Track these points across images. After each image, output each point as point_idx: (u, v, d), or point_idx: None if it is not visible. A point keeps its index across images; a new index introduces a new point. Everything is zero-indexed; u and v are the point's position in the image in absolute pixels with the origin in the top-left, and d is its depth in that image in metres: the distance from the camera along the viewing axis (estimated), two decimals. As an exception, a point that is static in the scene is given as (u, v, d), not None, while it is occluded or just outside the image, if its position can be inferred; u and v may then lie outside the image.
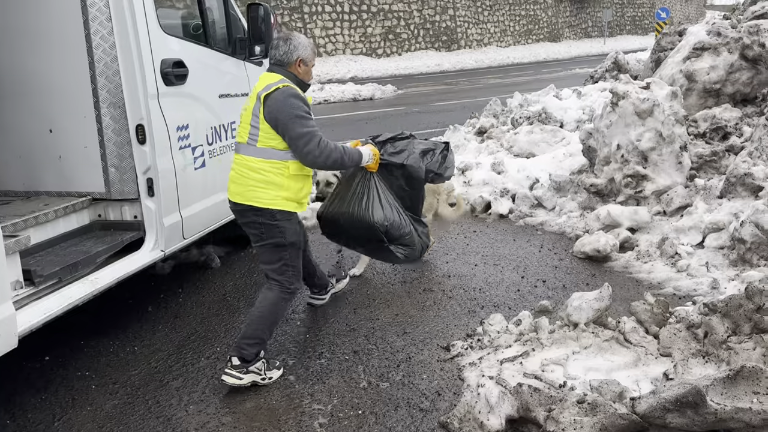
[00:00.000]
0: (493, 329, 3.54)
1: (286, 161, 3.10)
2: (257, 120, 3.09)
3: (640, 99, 5.08)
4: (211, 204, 4.29)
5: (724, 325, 3.16)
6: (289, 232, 3.15)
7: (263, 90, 3.07)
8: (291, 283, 3.22)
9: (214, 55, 4.39)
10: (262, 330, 3.16)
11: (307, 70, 3.26)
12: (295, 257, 3.23)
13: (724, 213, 4.65)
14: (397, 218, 3.66)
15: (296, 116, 3.02)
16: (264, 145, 3.09)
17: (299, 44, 3.18)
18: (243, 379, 3.08)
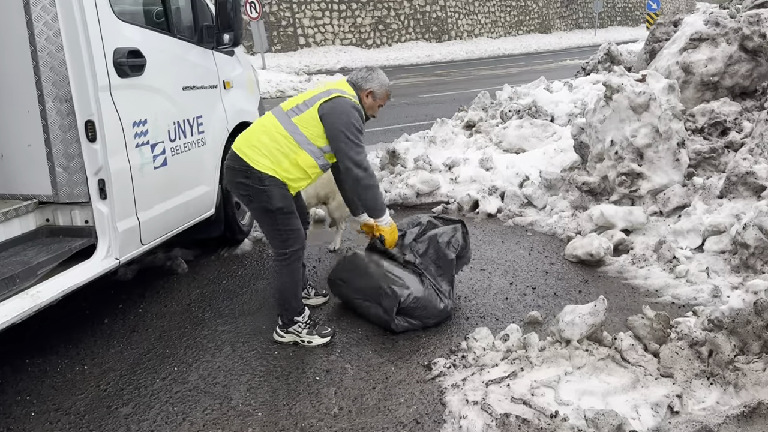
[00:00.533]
0: (479, 345, 3.24)
1: (301, 148, 3.15)
2: (312, 104, 3.17)
3: (636, 92, 4.78)
4: (175, 206, 3.96)
5: (730, 343, 2.89)
6: (276, 197, 3.14)
7: (338, 91, 3.20)
8: (287, 248, 3.23)
9: (177, 44, 4.04)
10: (283, 299, 3.32)
11: (373, 104, 3.37)
12: (287, 221, 3.21)
13: (725, 214, 4.37)
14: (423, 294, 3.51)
15: (355, 126, 3.16)
16: (298, 123, 3.16)
17: (376, 78, 3.35)
18: (284, 338, 3.40)
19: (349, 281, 3.67)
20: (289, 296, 3.33)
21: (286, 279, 3.30)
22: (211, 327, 3.65)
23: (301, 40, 30.00)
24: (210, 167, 4.37)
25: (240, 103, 4.87)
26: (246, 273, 4.47)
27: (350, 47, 30.96)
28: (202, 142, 4.26)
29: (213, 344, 3.45)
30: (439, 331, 3.55)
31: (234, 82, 4.76)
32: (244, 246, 4.92)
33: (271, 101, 16.04)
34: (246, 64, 5.15)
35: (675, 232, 4.44)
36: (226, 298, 4.04)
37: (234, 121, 4.71)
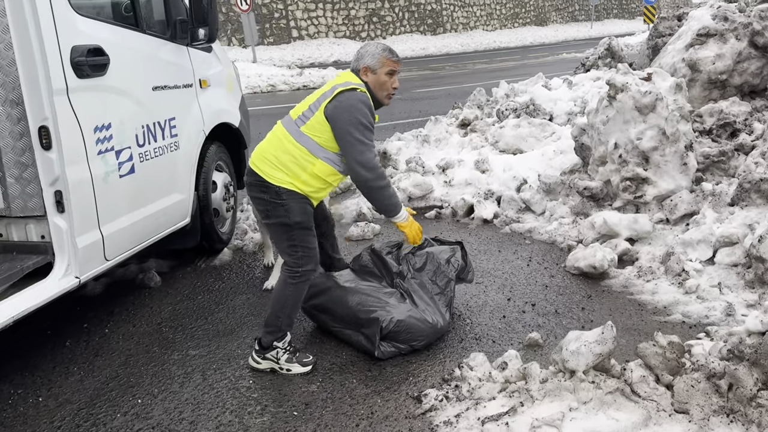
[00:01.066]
0: (474, 375, 2.94)
1: (316, 158, 2.97)
2: (317, 107, 2.98)
3: (642, 92, 4.47)
4: (144, 216, 3.65)
5: (753, 376, 2.60)
6: (295, 211, 2.98)
7: (341, 85, 2.99)
8: (299, 266, 3.02)
9: (146, 41, 3.72)
10: (277, 317, 3.06)
11: (376, 79, 3.07)
12: (303, 237, 3.02)
13: (737, 224, 4.08)
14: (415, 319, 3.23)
15: (361, 123, 2.93)
16: (307, 131, 2.98)
17: (366, 52, 3.09)
18: (261, 364, 3.11)
19: (325, 310, 3.37)
20: (283, 313, 3.06)
21: (290, 295, 3.06)
22: (181, 351, 3.34)
23: (294, 33, 29.61)
24: (184, 173, 4.05)
25: (219, 102, 4.55)
26: (223, 287, 4.16)
27: (344, 40, 30.58)
28: (176, 146, 3.94)
29: (182, 371, 3.14)
30: (431, 355, 3.26)
31: (211, 80, 4.44)
32: (224, 256, 4.60)
33: (262, 96, 15.71)
34: (226, 61, 4.82)
35: (684, 243, 4.15)
36: (200, 316, 3.74)
37: (212, 122, 4.39)
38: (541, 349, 3.30)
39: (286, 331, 3.11)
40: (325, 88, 3.08)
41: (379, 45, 3.13)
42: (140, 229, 3.63)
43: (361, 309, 3.19)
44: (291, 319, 3.13)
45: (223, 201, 4.65)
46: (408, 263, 3.42)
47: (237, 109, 4.91)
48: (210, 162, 4.43)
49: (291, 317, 3.12)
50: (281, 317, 3.06)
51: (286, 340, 3.13)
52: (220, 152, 4.68)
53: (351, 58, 3.14)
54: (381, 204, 3.15)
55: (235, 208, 4.99)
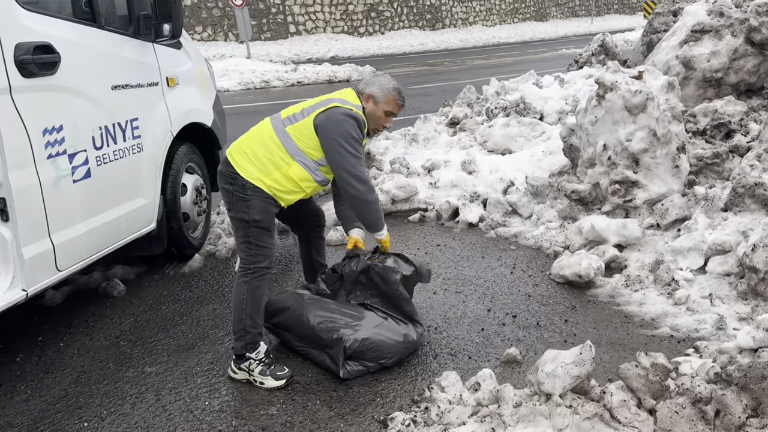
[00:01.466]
0: (444, 397, 2.75)
1: (293, 160, 2.92)
2: (308, 113, 2.94)
3: (631, 92, 4.26)
4: (103, 223, 3.45)
5: (741, 402, 2.40)
6: (255, 209, 2.90)
7: (338, 100, 2.96)
8: (251, 262, 2.96)
9: (105, 37, 3.51)
10: (239, 320, 2.95)
11: (375, 110, 3.05)
12: (259, 236, 2.94)
13: (731, 230, 3.87)
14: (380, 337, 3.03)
15: (351, 136, 2.89)
16: (292, 133, 2.93)
17: (377, 82, 3.07)
18: (237, 374, 3.02)
19: (287, 328, 3.18)
20: (244, 314, 2.95)
21: (245, 293, 2.96)
22: (137, 367, 3.15)
23: (292, 28, 29.37)
24: (148, 176, 3.85)
25: (189, 101, 4.34)
26: (190, 296, 3.96)
27: (342, 35, 30.33)
28: (138, 148, 3.74)
29: (135, 390, 2.95)
30: (402, 372, 3.06)
31: (180, 78, 4.23)
32: (194, 262, 4.40)
33: (255, 92, 15.48)
34: (197, 57, 4.62)
35: (674, 250, 3.95)
36: (161, 329, 3.54)
37: (180, 122, 4.19)
38: (519, 366, 3.11)
39: (254, 336, 2.98)
40: (322, 97, 3.06)
41: (392, 81, 3.10)
42: (98, 236, 3.43)
43: (323, 328, 2.99)
44: (255, 321, 2.98)
45: (194, 205, 4.45)
46: (360, 283, 3.21)
47: (210, 108, 4.70)
48: (179, 164, 4.23)
49: (254, 319, 2.98)
50: (243, 319, 2.95)
51: (260, 350, 2.99)
52: (191, 153, 4.48)
53: (349, 53, 2.97)
54: (368, 218, 3.11)
55: (209, 212, 4.78)
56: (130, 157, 3.66)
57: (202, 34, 26.87)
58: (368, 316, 3.07)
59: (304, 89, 15.78)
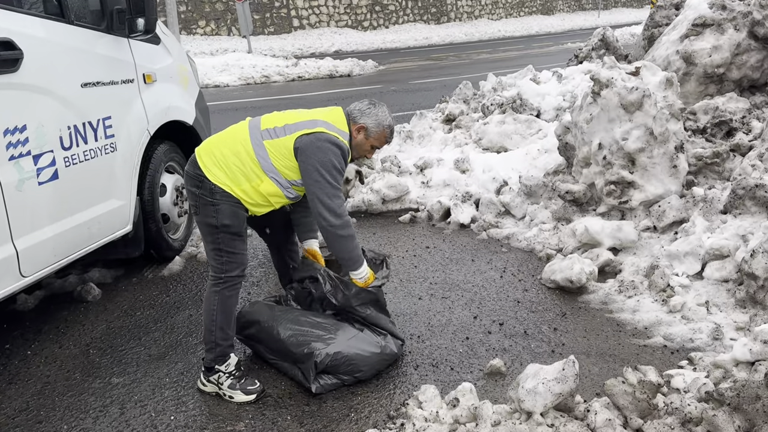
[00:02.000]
0: (420, 414, 2.60)
1: (266, 175, 2.76)
2: (290, 131, 2.77)
3: (627, 88, 4.09)
4: (73, 226, 3.31)
5: (734, 424, 2.25)
6: (224, 213, 2.73)
7: (324, 124, 2.79)
8: (222, 271, 2.80)
9: (74, 33, 3.37)
10: (209, 331, 2.82)
11: (364, 143, 2.92)
12: (230, 242, 2.78)
13: (729, 234, 3.71)
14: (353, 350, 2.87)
15: (334, 166, 2.74)
16: (270, 149, 2.76)
17: (374, 114, 2.90)
18: (206, 387, 2.88)
19: (259, 341, 3.04)
20: (214, 326, 2.81)
21: (215, 303, 2.82)
22: (104, 378, 3.02)
23: (295, 22, 29.20)
24: (123, 177, 3.72)
25: (168, 99, 4.20)
26: (167, 301, 3.83)
27: (346, 29, 30.14)
28: (112, 147, 3.61)
29: (100, 403, 2.82)
30: (380, 384, 2.92)
31: (158, 74, 4.09)
32: (174, 265, 4.27)
33: (255, 87, 15.34)
34: (179, 53, 4.47)
35: (670, 255, 3.78)
36: (133, 336, 3.41)
37: (158, 120, 4.05)
38: (503, 379, 2.96)
39: (225, 348, 2.85)
40: (308, 116, 2.85)
41: (389, 117, 2.96)
42: (67, 240, 3.29)
43: (293, 342, 2.85)
44: (226, 333, 2.84)
45: (174, 206, 4.32)
46: (334, 297, 3.02)
47: (192, 105, 4.55)
48: (157, 164, 4.09)
49: (225, 331, 2.84)
50: (213, 331, 2.82)
51: (230, 363, 2.86)
52: (172, 153, 4.34)
53: (353, 48, 2.81)
54: (342, 254, 2.92)
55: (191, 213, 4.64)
56: (102, 157, 3.52)
57: (205, 28, 26.74)
58: (342, 327, 2.93)
59: (305, 84, 15.63)
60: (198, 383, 2.91)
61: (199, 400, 2.82)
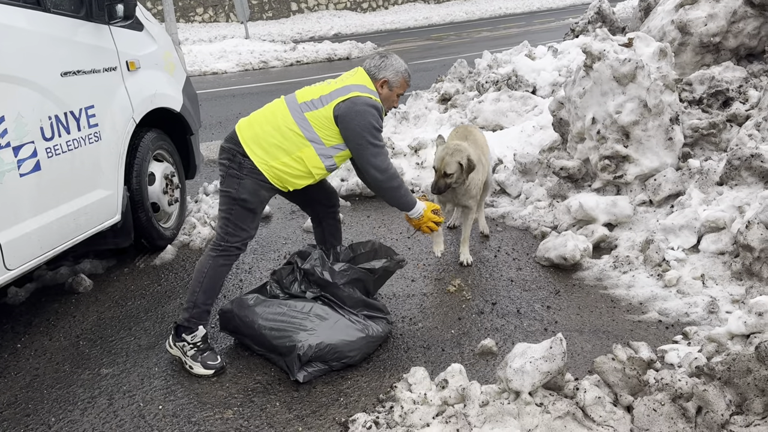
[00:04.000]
0: (408, 397, 2.57)
1: (309, 143, 2.89)
2: (327, 101, 2.90)
3: (620, 60, 4.01)
4: (58, 217, 3.28)
5: (725, 398, 2.21)
6: (245, 188, 2.86)
7: (356, 88, 2.92)
8: (223, 239, 2.91)
9: (51, 21, 3.31)
10: (194, 291, 2.91)
11: (390, 94, 3.10)
12: (241, 215, 2.90)
13: (726, 206, 3.64)
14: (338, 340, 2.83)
15: (374, 126, 2.90)
16: (311, 119, 2.89)
17: (390, 65, 3.07)
18: (172, 350, 2.97)
19: (244, 335, 3.01)
20: (199, 287, 2.91)
21: (207, 267, 2.92)
22: (93, 369, 3.00)
23: (293, 6, 28.97)
24: (109, 166, 3.68)
25: (153, 86, 4.14)
26: (158, 291, 3.81)
27: (344, 11, 29.87)
28: (96, 137, 3.56)
29: (88, 394, 2.80)
30: (370, 368, 2.90)
31: (142, 61, 4.03)
32: (166, 254, 4.24)
33: (253, 73, 15.23)
34: (163, 40, 4.41)
35: (665, 229, 3.72)
36: (124, 326, 3.39)
37: (144, 108, 4.00)
38: (495, 359, 2.93)
39: (201, 312, 2.92)
40: (339, 84, 2.98)
41: (402, 63, 3.12)
42: (53, 232, 3.26)
43: (275, 335, 2.82)
44: (207, 297, 2.92)
45: (164, 194, 4.28)
46: (329, 271, 3.00)
47: (179, 92, 4.50)
48: (145, 152, 4.05)
49: (208, 295, 2.92)
50: (197, 292, 2.91)
51: (197, 334, 2.92)
52: (160, 140, 4.29)
53: (352, 30, 2.81)
54: (395, 202, 3.13)
55: (183, 200, 4.61)
56: (86, 146, 3.48)
57: (203, 15, 26.58)
58: (324, 314, 2.88)
59: (304, 68, 15.50)
60: (166, 345, 3.00)
61: (189, 389, 2.80)
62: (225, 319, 3.04)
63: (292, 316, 2.85)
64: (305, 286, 3.01)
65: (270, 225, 4.83)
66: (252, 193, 2.87)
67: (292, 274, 3.06)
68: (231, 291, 3.73)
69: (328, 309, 2.91)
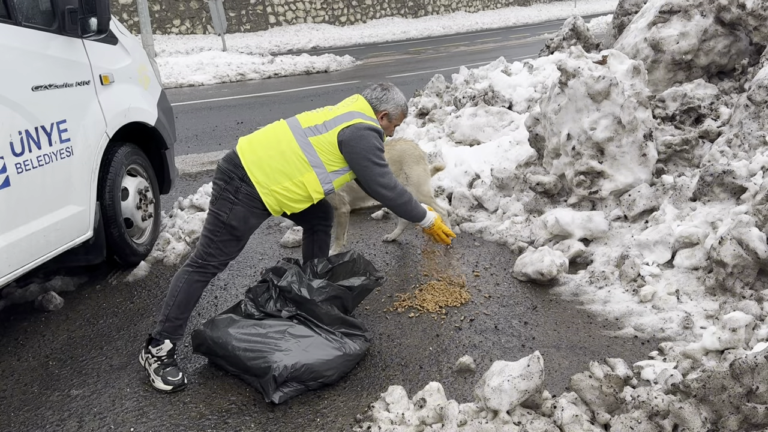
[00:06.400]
0: (386, 417, 2.54)
1: (312, 170, 2.92)
2: (331, 127, 2.96)
3: (594, 78, 4.05)
4: (28, 234, 3.21)
5: (700, 415, 2.22)
6: (236, 215, 2.86)
7: (359, 115, 3.01)
8: (202, 257, 2.91)
9: (22, 34, 3.25)
10: (168, 305, 2.90)
11: (388, 125, 3.22)
12: (226, 240, 2.89)
13: (699, 221, 3.69)
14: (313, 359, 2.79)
15: (377, 148, 2.98)
16: (315, 144, 2.93)
17: (392, 99, 3.17)
18: (142, 361, 2.96)
19: (218, 356, 2.95)
20: (171, 302, 2.90)
21: (180, 284, 2.92)
22: (63, 390, 2.93)
23: (272, 19, 28.98)
24: (81, 182, 3.61)
25: (127, 100, 4.09)
26: (131, 308, 3.74)
27: (323, 24, 29.98)
28: (68, 152, 3.50)
29: (57, 416, 2.73)
30: (347, 387, 2.86)
31: (116, 75, 3.98)
32: (139, 270, 4.17)
33: (230, 85, 15.17)
34: (138, 53, 4.36)
35: (640, 244, 3.76)
36: (95, 346, 3.32)
37: (117, 122, 3.95)
38: (473, 376, 2.91)
39: (174, 327, 2.91)
40: (341, 110, 3.06)
41: (402, 97, 3.22)
42: (23, 249, 3.19)
43: (249, 356, 2.78)
44: (179, 312, 2.91)
45: (138, 209, 4.21)
46: (307, 288, 2.97)
47: (154, 106, 4.45)
48: (118, 167, 3.99)
49: (181, 311, 2.91)
50: (171, 305, 2.91)
51: (162, 348, 2.91)
52: (134, 155, 4.23)
53: (330, 43, 2.82)
54: (408, 216, 3.24)
55: (157, 215, 4.54)
56: (57, 162, 3.42)
57: (180, 27, 26.46)
58: (299, 333, 2.84)
59: (282, 81, 15.49)
60: (139, 357, 3.03)
61: (161, 410, 2.74)
62: (198, 341, 2.99)
63: (267, 336, 2.81)
64: (281, 304, 2.97)
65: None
66: (242, 220, 2.88)
67: (268, 292, 3.02)
68: (205, 309, 3.67)
69: (304, 328, 2.87)
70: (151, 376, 2.89)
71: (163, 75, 15.45)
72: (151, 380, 2.89)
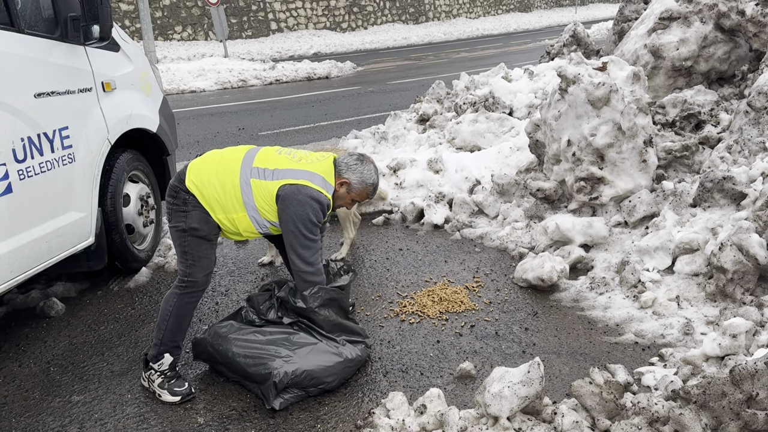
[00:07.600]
0: (387, 423, 2.54)
1: (245, 211, 2.82)
2: (277, 177, 2.79)
3: (594, 84, 4.07)
4: (30, 240, 3.21)
5: (700, 422, 2.22)
6: (193, 218, 2.80)
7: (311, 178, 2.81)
8: (186, 274, 2.85)
9: (24, 42, 3.27)
10: (159, 328, 2.86)
11: (345, 196, 2.99)
12: (197, 245, 2.83)
13: (699, 227, 3.69)
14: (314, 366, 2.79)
15: (310, 220, 2.79)
16: (254, 188, 2.80)
17: (359, 171, 2.95)
18: (144, 382, 2.94)
19: (218, 363, 2.96)
20: (164, 325, 2.86)
21: (172, 305, 2.87)
22: (64, 396, 2.93)
23: (273, 25, 29.05)
24: (83, 188, 3.62)
25: (129, 107, 4.11)
26: (132, 315, 3.74)
27: (324, 31, 30.04)
28: (70, 158, 3.51)
29: (58, 423, 2.73)
30: (348, 393, 2.86)
31: (118, 82, 4.00)
32: (140, 276, 4.17)
33: (232, 92, 15.20)
34: (140, 60, 4.38)
35: (641, 250, 3.76)
36: (96, 352, 3.32)
37: (119, 129, 3.96)
38: (473, 382, 2.91)
39: (170, 349, 2.88)
40: (299, 165, 2.86)
41: (373, 176, 2.99)
42: (25, 255, 3.20)
43: (249, 363, 2.78)
44: (174, 335, 2.88)
45: (139, 215, 4.23)
46: (301, 298, 2.94)
47: (156, 112, 4.46)
48: (120, 173, 4.00)
49: (174, 334, 2.88)
50: (162, 330, 2.86)
51: (163, 362, 2.88)
52: (136, 161, 4.25)
53: (331, 50, 2.78)
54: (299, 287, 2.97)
55: (158, 221, 4.56)
56: (60, 168, 3.43)
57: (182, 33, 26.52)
58: (300, 340, 2.85)
59: (283, 87, 15.51)
60: (140, 379, 2.99)
61: (162, 416, 2.74)
62: (198, 348, 2.99)
63: (268, 343, 2.81)
64: (282, 313, 2.97)
65: (247, 246, 4.79)
66: (200, 221, 2.81)
67: (269, 301, 3.02)
68: (206, 315, 3.68)
69: (305, 335, 2.88)
70: (157, 391, 2.85)
71: (164, 81, 15.50)
72: (157, 395, 2.85)
